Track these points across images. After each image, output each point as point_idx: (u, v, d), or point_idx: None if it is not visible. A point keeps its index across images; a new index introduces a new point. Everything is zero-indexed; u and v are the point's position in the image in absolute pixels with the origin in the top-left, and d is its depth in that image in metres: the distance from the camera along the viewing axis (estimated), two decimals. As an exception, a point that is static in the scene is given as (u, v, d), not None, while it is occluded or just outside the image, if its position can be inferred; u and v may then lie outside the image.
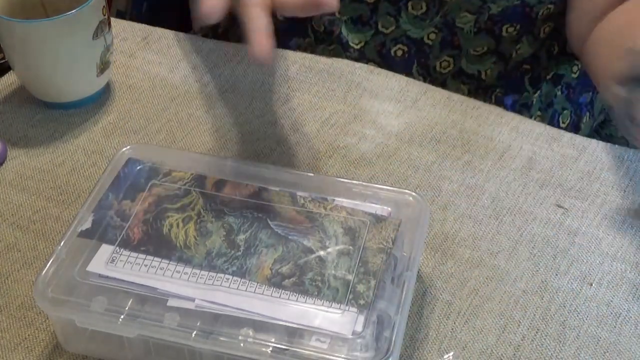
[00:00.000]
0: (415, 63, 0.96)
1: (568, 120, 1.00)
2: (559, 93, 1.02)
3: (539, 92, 1.00)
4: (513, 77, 0.98)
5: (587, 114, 1.00)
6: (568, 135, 0.86)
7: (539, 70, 0.99)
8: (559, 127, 0.97)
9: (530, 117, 0.98)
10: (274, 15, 0.97)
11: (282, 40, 0.98)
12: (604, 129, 1.05)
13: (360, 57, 0.96)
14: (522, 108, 0.99)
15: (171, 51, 0.97)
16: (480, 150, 0.85)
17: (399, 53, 0.96)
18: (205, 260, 0.65)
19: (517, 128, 0.87)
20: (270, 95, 0.92)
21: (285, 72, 0.94)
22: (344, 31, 0.96)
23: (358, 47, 0.95)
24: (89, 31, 0.84)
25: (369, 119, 0.88)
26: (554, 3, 0.93)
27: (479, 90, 0.98)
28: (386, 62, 0.96)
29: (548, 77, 1.00)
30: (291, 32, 0.98)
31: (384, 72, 0.92)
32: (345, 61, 0.94)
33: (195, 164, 0.73)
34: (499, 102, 0.98)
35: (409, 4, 0.93)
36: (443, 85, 0.97)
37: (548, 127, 0.87)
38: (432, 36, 0.93)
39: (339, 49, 0.96)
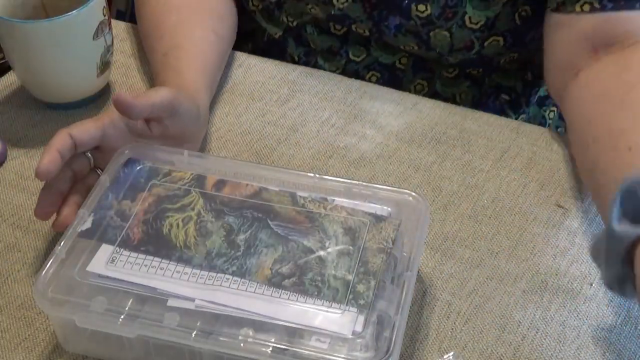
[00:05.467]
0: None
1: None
2: (547, 113, 1.02)
3: (524, 115, 1.00)
4: (489, 103, 0.98)
5: None
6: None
7: (518, 98, 0.99)
8: None
9: None
10: (272, 14, 0.98)
11: (280, 48, 0.99)
12: None
13: None
14: None
15: (171, 51, 0.97)
16: (480, 150, 0.85)
17: (373, 79, 0.96)
18: (205, 260, 0.65)
19: (517, 129, 0.87)
20: (270, 96, 0.92)
21: (286, 76, 0.94)
22: (320, 60, 0.96)
23: (336, 73, 0.96)
24: (89, 32, 0.84)
25: (369, 119, 0.88)
26: (517, 52, 0.93)
27: None
28: None
29: (532, 100, 1.01)
30: (289, 39, 0.98)
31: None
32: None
33: (195, 164, 0.73)
34: None
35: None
36: None
37: (548, 128, 0.87)
38: (404, 60, 0.93)
39: None
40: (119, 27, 1.01)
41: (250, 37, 1.00)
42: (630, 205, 0.58)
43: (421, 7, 0.88)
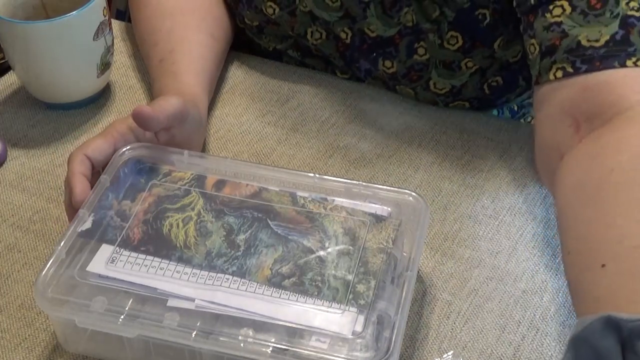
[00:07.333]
0: None
1: None
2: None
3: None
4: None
5: None
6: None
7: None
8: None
9: None
10: (268, 18, 0.98)
11: (276, 59, 0.99)
12: None
13: None
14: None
15: (171, 51, 0.97)
16: (480, 150, 0.85)
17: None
18: (205, 260, 0.65)
19: (516, 129, 0.87)
20: (270, 96, 0.92)
21: (286, 76, 0.94)
22: (317, 68, 0.96)
23: None
24: (89, 32, 0.84)
25: (369, 119, 0.88)
26: (467, 100, 0.91)
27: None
28: None
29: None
30: (282, 53, 0.98)
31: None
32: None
33: (195, 164, 0.73)
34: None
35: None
36: None
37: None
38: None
39: None
40: (119, 27, 1.01)
41: (247, 47, 1.00)
42: (585, 352, 0.54)
43: (387, 64, 0.88)
